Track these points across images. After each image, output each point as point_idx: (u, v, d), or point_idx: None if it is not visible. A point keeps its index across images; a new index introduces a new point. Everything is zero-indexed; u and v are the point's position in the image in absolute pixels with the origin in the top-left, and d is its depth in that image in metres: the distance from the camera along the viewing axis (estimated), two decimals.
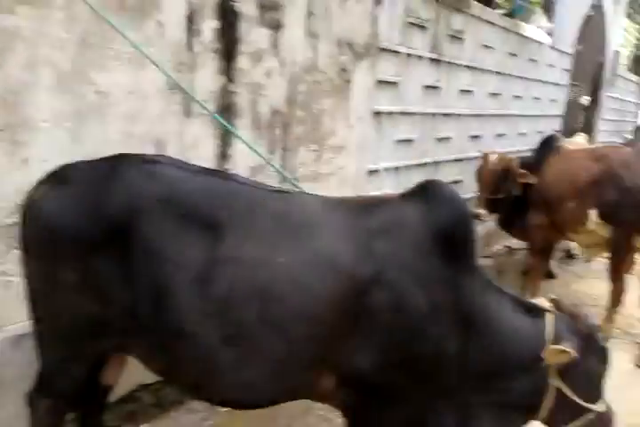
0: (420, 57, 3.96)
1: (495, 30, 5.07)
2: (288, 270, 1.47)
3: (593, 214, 3.92)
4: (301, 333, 1.46)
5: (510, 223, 4.59)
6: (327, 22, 2.89)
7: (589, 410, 1.78)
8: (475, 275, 1.73)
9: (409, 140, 4.02)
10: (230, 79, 2.41)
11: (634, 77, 11.83)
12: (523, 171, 4.21)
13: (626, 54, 11.22)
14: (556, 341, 1.72)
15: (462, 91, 4.66)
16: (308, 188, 2.92)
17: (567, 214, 4.05)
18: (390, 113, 3.71)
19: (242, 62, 2.47)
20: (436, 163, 4.42)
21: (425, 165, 4.28)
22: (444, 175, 4.57)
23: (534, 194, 4.20)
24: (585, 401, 1.77)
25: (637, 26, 11.94)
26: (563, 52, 7.03)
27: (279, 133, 2.64)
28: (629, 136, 11.02)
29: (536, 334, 1.75)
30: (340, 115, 3.08)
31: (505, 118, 5.64)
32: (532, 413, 1.81)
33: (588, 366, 1.77)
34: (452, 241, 1.64)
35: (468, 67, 4.68)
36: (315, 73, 2.87)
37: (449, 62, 4.34)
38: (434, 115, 4.27)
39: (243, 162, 2.47)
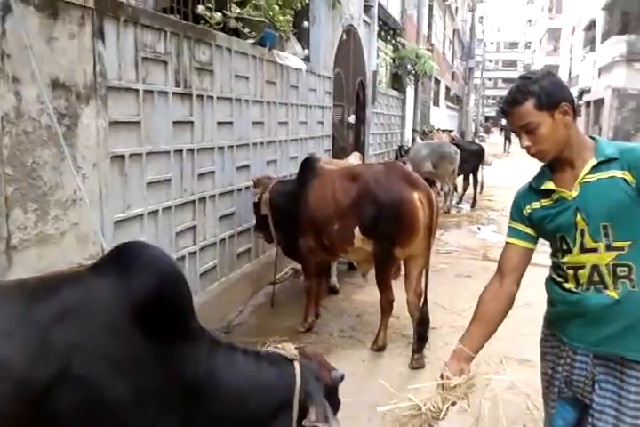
0: (164, 93, 3.76)
1: (247, 60, 5.08)
2: None
3: (357, 232, 4.08)
4: None
5: (291, 248, 4.62)
6: (31, 64, 2.55)
7: None
8: (196, 340, 1.57)
9: (166, 180, 3.79)
10: None
11: (394, 93, 12.99)
12: (266, 193, 4.45)
13: (384, 73, 12.28)
14: (304, 390, 1.67)
15: (221, 123, 4.57)
16: (34, 254, 2.55)
17: (335, 236, 4.16)
18: (135, 155, 3.45)
19: None
20: (202, 200, 4.25)
21: (189, 203, 4.09)
22: (214, 210, 4.42)
23: (302, 218, 4.26)
24: None
25: (390, 46, 13.16)
26: (322, 75, 7.38)
27: None
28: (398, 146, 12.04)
29: (284, 385, 1.67)
30: (66, 165, 2.74)
31: (273, 145, 5.70)
32: None
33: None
34: (157, 310, 1.44)
35: (223, 98, 4.60)
36: (22, 122, 2.51)
37: (200, 95, 4.21)
38: (191, 150, 4.09)
39: None
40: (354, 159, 6.04)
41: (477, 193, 11.20)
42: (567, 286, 1.88)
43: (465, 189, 11.39)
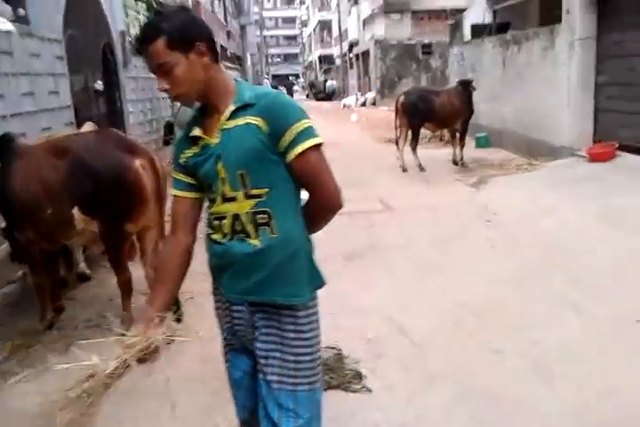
0: None
1: None
2: None
3: (77, 213, 3.70)
4: None
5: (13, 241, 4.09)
6: None
7: None
8: None
9: None
10: None
11: None
12: None
13: (136, 33, 11.49)
14: None
15: None
16: None
17: (51, 222, 3.72)
18: None
19: None
20: None
21: None
22: None
23: (10, 208, 3.74)
24: None
25: (143, 3, 12.29)
26: (48, 38, 6.58)
27: None
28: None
29: None
30: None
31: None
32: None
33: None
34: None
35: None
36: None
37: None
38: None
39: None
40: (89, 127, 5.51)
41: None
42: (215, 237, 1.81)
43: None
